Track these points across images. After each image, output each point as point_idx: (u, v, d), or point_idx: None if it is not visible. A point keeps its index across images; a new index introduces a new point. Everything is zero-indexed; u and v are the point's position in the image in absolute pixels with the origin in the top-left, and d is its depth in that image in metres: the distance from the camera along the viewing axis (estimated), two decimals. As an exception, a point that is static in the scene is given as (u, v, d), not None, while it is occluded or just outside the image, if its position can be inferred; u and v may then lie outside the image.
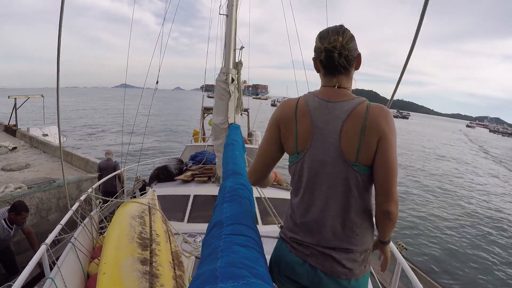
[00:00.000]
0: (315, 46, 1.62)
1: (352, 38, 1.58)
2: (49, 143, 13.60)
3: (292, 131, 1.64)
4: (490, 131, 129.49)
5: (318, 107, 1.60)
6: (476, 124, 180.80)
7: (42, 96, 18.70)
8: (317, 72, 1.69)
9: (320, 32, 1.62)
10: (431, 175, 21.38)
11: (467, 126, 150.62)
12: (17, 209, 4.83)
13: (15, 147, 13.58)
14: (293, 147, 1.66)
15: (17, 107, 17.82)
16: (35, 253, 2.77)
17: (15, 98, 17.59)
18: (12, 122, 17.92)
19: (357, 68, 1.66)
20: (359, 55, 1.62)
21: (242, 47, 5.22)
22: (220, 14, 5.67)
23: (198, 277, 1.19)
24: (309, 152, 1.60)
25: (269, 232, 4.14)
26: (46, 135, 19.45)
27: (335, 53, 1.54)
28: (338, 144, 1.52)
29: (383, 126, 1.47)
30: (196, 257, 3.62)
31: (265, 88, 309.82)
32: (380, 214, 1.56)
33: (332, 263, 1.57)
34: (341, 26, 1.59)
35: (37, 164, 11.07)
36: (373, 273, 3.93)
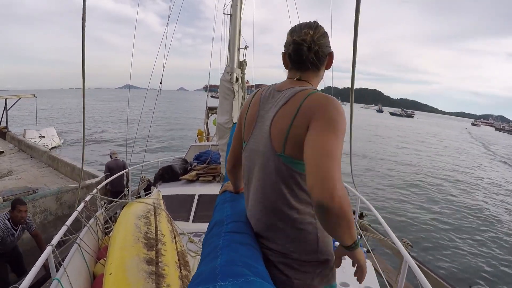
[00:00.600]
0: (286, 41, 1.52)
1: (325, 34, 1.48)
2: (36, 147, 13.28)
3: (243, 120, 1.61)
4: (496, 129, 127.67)
5: (267, 96, 1.53)
6: (482, 122, 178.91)
7: (35, 96, 18.27)
8: (286, 69, 1.58)
9: (292, 27, 1.52)
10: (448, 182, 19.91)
11: (473, 124, 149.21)
12: (12, 205, 4.82)
13: (2, 151, 13.33)
14: (242, 135, 1.61)
15: (8, 108, 17.32)
16: None
17: (5, 99, 16.95)
18: (3, 124, 17.48)
19: (328, 67, 1.56)
20: (331, 54, 1.53)
21: (246, 47, 5.22)
22: (224, 13, 5.67)
23: (197, 276, 1.18)
24: (249, 141, 1.53)
25: None
26: (43, 137, 19.60)
27: (304, 47, 1.43)
28: (268, 133, 1.40)
29: (317, 114, 1.26)
30: None
31: None
32: (315, 208, 1.15)
33: (271, 268, 1.40)
34: (315, 22, 1.49)
35: (21, 171, 10.55)
36: (380, 271, 3.91)
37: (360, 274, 1.40)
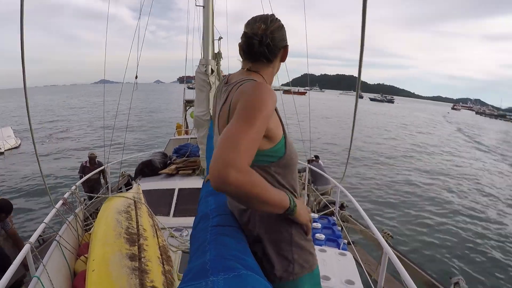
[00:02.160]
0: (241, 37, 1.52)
1: (280, 28, 1.49)
2: None
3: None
4: (476, 113, 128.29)
5: (220, 89, 1.58)
6: (461, 106, 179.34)
7: None
8: (242, 59, 1.58)
9: (249, 19, 1.51)
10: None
11: (453, 108, 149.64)
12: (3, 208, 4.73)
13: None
14: None
15: None
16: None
17: None
18: None
19: (282, 60, 1.58)
20: (286, 47, 1.54)
21: (220, 38, 5.19)
22: (196, 5, 5.61)
23: (188, 272, 1.19)
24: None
25: None
26: None
27: (255, 40, 1.44)
28: (217, 128, 1.49)
29: (237, 104, 1.26)
30: (183, 252, 3.61)
31: None
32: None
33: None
34: (272, 15, 1.51)
35: None
36: (360, 263, 3.94)
37: (305, 230, 1.47)
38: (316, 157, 9.59)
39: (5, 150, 17.79)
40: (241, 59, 1.56)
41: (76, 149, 19.51)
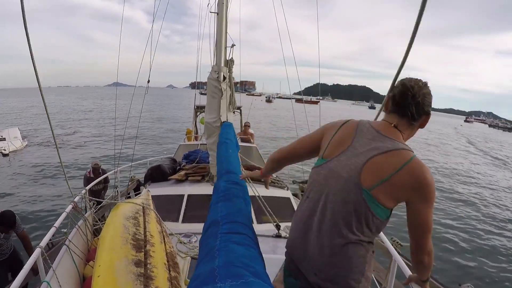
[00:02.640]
0: (395, 86, 1.69)
1: (430, 94, 1.62)
2: None
3: (328, 138, 1.75)
4: (489, 126, 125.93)
5: (364, 131, 1.67)
6: (474, 119, 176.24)
7: None
8: (384, 111, 1.77)
9: (405, 78, 1.68)
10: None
11: (465, 121, 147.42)
12: (4, 221, 4.68)
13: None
14: (322, 151, 1.75)
15: None
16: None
17: None
18: None
19: (421, 126, 1.69)
20: (428, 114, 1.65)
21: (233, 45, 5.19)
22: (210, 12, 5.62)
23: (196, 277, 1.18)
24: (331, 162, 1.67)
25: (264, 231, 4.14)
26: (4, 139, 18.38)
27: (410, 93, 1.58)
28: (361, 167, 1.56)
29: (420, 190, 1.50)
30: (192, 258, 3.60)
31: (252, 84, 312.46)
32: (414, 263, 1.73)
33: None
34: (423, 82, 1.63)
35: None
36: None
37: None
38: None
39: (9, 152, 17.27)
40: (385, 112, 1.75)
41: (82, 153, 18.85)
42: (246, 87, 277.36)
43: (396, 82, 1.71)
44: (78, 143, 22.11)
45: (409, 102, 1.59)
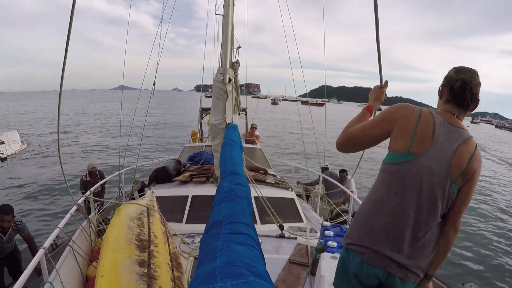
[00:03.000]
0: (447, 76, 1.86)
1: (480, 84, 1.82)
2: None
3: (407, 130, 1.79)
4: (496, 127, 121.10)
5: (441, 124, 1.78)
6: (480, 120, 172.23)
7: None
8: (440, 98, 1.91)
9: (456, 67, 1.86)
10: None
11: (472, 122, 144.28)
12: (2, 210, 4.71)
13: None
14: (405, 146, 1.78)
15: None
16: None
17: None
18: None
19: (471, 110, 1.88)
20: (478, 101, 1.85)
21: (239, 47, 5.20)
22: (216, 14, 5.64)
23: (197, 277, 1.18)
24: (421, 158, 1.75)
25: (268, 232, 4.14)
26: (3, 142, 18.12)
27: (468, 87, 1.77)
28: (450, 160, 1.73)
29: (477, 172, 1.77)
30: (195, 258, 3.60)
31: (257, 87, 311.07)
32: (446, 235, 1.85)
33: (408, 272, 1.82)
34: (476, 71, 1.82)
35: None
36: None
37: None
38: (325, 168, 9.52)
39: (7, 156, 16.99)
40: (441, 99, 1.91)
41: (84, 156, 18.55)
42: (251, 89, 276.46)
43: (450, 71, 1.86)
44: (80, 145, 22.10)
45: (466, 94, 1.78)
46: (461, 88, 1.78)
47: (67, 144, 21.83)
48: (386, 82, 2.26)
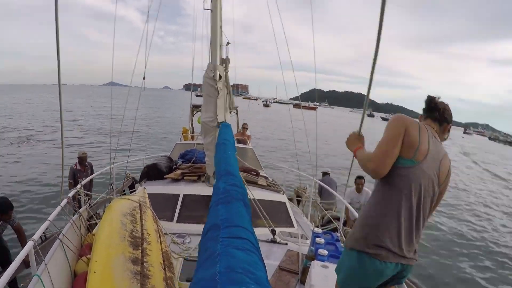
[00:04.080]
0: (430, 104, 2.32)
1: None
2: None
3: (413, 138, 2.05)
4: (489, 139, 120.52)
5: (432, 136, 2.16)
6: (473, 131, 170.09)
7: None
8: (424, 113, 2.35)
9: (441, 102, 2.32)
10: None
11: (465, 132, 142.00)
12: (2, 208, 4.71)
13: None
14: (413, 153, 2.04)
15: None
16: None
17: None
18: None
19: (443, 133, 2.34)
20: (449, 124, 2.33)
21: (228, 43, 5.15)
22: (204, 9, 5.57)
23: (197, 282, 1.18)
24: (422, 163, 2.05)
25: (258, 236, 4.12)
26: None
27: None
28: (438, 167, 2.12)
29: (447, 182, 2.25)
30: (184, 259, 3.54)
31: (245, 88, 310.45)
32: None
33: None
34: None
35: None
36: None
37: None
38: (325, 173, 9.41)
39: None
40: (425, 114, 2.35)
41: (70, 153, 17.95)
42: (240, 90, 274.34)
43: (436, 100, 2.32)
44: (71, 139, 21.28)
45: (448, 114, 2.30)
46: (448, 111, 2.31)
47: (55, 139, 21.10)
48: (362, 136, 2.50)
